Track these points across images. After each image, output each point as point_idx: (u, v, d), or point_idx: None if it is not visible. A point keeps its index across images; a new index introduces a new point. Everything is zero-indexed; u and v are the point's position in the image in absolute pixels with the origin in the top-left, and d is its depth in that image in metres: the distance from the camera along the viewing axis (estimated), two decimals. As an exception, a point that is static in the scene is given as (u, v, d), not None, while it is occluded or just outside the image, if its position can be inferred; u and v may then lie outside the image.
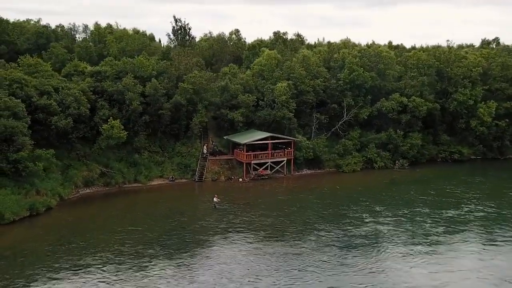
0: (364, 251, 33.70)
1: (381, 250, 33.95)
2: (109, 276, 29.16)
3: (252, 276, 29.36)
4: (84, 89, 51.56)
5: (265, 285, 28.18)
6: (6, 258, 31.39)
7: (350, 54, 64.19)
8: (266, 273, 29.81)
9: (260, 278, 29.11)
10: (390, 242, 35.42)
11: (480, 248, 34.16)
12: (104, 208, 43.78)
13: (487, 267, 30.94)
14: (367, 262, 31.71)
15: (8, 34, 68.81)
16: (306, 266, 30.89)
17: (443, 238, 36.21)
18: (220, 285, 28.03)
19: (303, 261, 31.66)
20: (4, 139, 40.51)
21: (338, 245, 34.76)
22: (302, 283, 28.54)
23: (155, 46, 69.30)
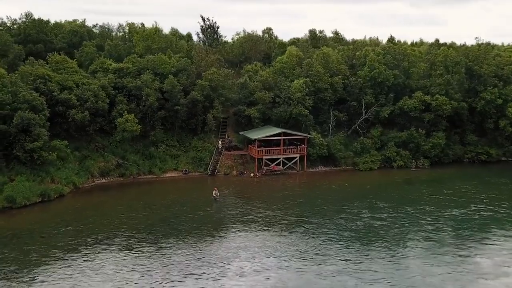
0: (347, 243, 33.69)
1: (364, 242, 33.82)
2: (96, 255, 31.05)
3: (219, 260, 30.13)
4: (105, 85, 54.16)
5: (233, 269, 28.88)
6: (5, 237, 33.83)
7: (372, 52, 63.23)
8: (233, 258, 30.56)
9: (229, 263, 29.96)
10: (376, 236, 35.31)
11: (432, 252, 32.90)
12: (113, 197, 46.00)
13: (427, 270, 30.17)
14: (342, 252, 31.78)
15: (46, 33, 72.93)
16: (279, 253, 31.39)
17: (429, 236, 35.44)
18: (191, 265, 29.05)
19: (278, 249, 32.10)
20: (21, 129, 43.46)
21: (322, 237, 34.93)
22: (265, 267, 29.03)
23: (181, 44, 71.19)
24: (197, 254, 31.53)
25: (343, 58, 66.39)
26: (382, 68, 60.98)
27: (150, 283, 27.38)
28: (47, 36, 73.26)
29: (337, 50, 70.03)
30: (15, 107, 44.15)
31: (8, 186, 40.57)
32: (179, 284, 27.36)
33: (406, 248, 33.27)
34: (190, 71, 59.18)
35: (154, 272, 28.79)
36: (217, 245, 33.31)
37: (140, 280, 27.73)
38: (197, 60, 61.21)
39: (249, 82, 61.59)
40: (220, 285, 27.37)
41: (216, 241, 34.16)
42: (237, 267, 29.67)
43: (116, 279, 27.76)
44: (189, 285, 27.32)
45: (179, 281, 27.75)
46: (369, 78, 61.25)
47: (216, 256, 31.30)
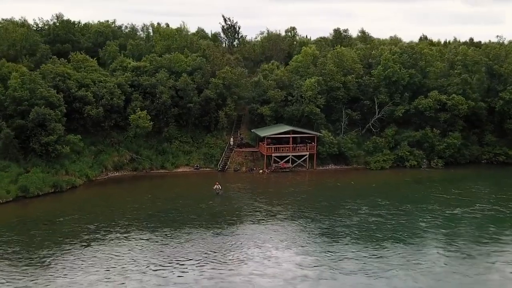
0: (337, 237, 34.29)
1: (353, 237, 34.33)
2: (94, 241, 32.79)
3: (206, 249, 31.28)
4: (121, 83, 56.41)
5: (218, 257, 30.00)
6: (13, 223, 36.22)
7: (386, 51, 62.96)
8: (216, 248, 31.64)
9: (209, 253, 31.18)
10: (366, 231, 35.78)
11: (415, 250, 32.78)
12: (123, 189, 48.07)
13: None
14: (327, 245, 32.42)
15: (74, 34, 76.14)
16: (266, 244, 32.29)
17: (419, 233, 35.48)
18: (177, 252, 30.38)
19: (266, 240, 33.03)
20: (38, 124, 46.06)
21: (315, 231, 35.66)
22: (249, 257, 29.97)
23: (201, 44, 72.79)
24: (187, 244, 32.78)
25: (359, 57, 66.30)
26: (396, 67, 60.60)
27: (138, 268, 28.77)
28: (75, 36, 76.33)
29: (355, 49, 69.99)
30: (32, 102, 46.81)
31: (23, 177, 43.16)
32: (164, 269, 28.62)
33: (390, 243, 33.41)
34: (205, 69, 60.69)
35: (142, 258, 30.19)
36: (206, 235, 34.45)
37: (127, 264, 29.17)
38: (211, 59, 62.61)
39: (263, 81, 62.52)
40: (202, 271, 28.44)
41: (206, 232, 35.27)
42: (221, 255, 30.76)
43: (106, 263, 29.33)
44: (175, 272, 28.52)
45: (166, 265, 28.99)
46: (383, 77, 60.99)
47: (203, 245, 32.47)
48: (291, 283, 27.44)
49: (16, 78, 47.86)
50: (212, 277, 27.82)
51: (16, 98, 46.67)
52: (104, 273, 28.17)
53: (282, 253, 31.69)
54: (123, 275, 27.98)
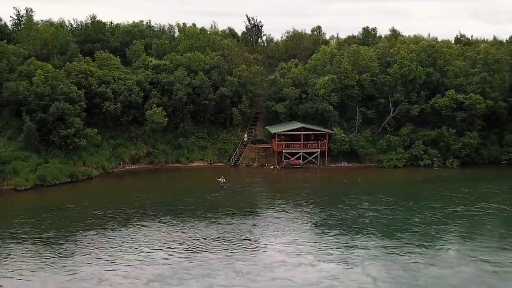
0: (328, 229, 35.33)
1: (343, 229, 35.23)
2: (99, 225, 35.16)
3: (185, 238, 32.97)
4: (140, 80, 59.03)
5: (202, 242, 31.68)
6: (26, 209, 39.24)
7: (402, 49, 62.66)
8: (204, 235, 33.25)
9: (197, 239, 32.68)
10: (359, 225, 36.44)
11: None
12: (137, 181, 50.60)
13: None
14: (316, 236, 33.46)
15: (103, 33, 79.59)
16: (248, 232, 33.74)
17: (410, 228, 35.78)
18: (169, 237, 32.26)
19: (249, 229, 34.44)
20: (57, 118, 49.21)
21: (308, 223, 36.90)
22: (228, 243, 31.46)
23: (223, 43, 74.53)
24: (179, 229, 34.72)
25: (378, 56, 66.27)
26: (413, 66, 60.25)
27: (129, 250, 30.82)
28: (104, 36, 79.79)
29: (375, 48, 69.94)
30: (53, 98, 49.98)
31: (41, 167, 46.36)
32: (154, 252, 30.51)
33: (377, 237, 34.02)
34: (222, 68, 62.46)
35: (137, 242, 32.24)
36: (201, 224, 36.15)
37: (120, 247, 31.25)
38: (229, 58, 64.30)
39: (279, 79, 63.64)
40: (190, 257, 30.14)
41: (202, 221, 36.94)
42: (205, 241, 32.46)
43: (102, 245, 31.53)
44: (161, 255, 30.38)
45: (155, 248, 30.90)
46: (399, 76, 60.81)
47: (195, 232, 34.23)
48: (268, 267, 28.76)
49: (40, 75, 51.18)
50: (199, 262, 29.34)
51: (39, 94, 49.99)
52: (97, 253, 30.35)
53: (267, 240, 33.00)
54: (113, 256, 30.02)
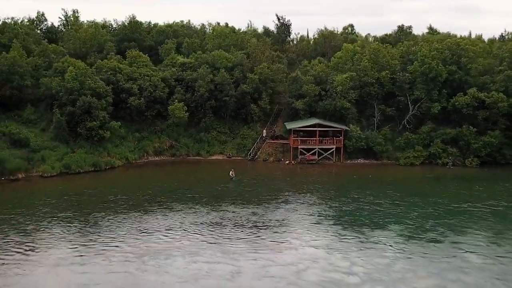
0: (321, 220, 36.66)
1: (339, 220, 36.37)
2: (110, 209, 38.11)
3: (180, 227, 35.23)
4: (166, 77, 62.25)
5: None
6: (50, 193, 42.94)
7: (424, 47, 62.51)
8: (202, 221, 35.35)
9: (192, 225, 34.84)
10: (355, 217, 37.45)
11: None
12: (156, 172, 53.77)
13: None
14: (307, 224, 34.88)
15: (139, 33, 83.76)
16: (242, 220, 35.59)
17: (405, 221, 36.42)
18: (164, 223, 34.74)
19: (243, 217, 36.19)
20: (84, 111, 53.07)
21: (304, 214, 38.20)
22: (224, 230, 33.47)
23: (251, 41, 76.65)
24: (182, 216, 37.04)
25: (402, 54, 66.38)
26: (433, 63, 60.06)
27: (134, 231, 33.47)
28: (140, 35, 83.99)
29: (398, 45, 70.04)
30: (82, 93, 53.88)
31: (67, 156, 50.30)
32: (153, 233, 32.99)
33: (368, 228, 34.92)
34: (245, 65, 64.69)
35: (140, 223, 34.87)
36: (203, 210, 38.38)
37: (126, 228, 33.95)
38: (253, 56, 66.42)
39: (301, 77, 65.09)
40: (184, 239, 32.43)
41: (205, 208, 39.15)
42: (198, 228, 34.60)
43: (107, 225, 34.38)
44: (158, 236, 32.81)
45: (157, 230, 33.39)
46: (419, 73, 60.80)
47: (195, 218, 36.50)
48: (254, 249, 30.60)
49: (71, 71, 55.28)
50: (190, 242, 31.56)
51: (69, 89, 54.08)
52: (100, 231, 33.22)
53: (261, 226, 34.74)
54: (114, 234, 32.78)
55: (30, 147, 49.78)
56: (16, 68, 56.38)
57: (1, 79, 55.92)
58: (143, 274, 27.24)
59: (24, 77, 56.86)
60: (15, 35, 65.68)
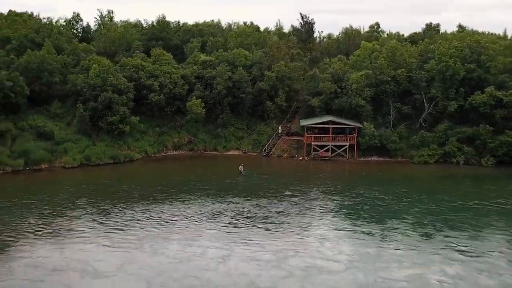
0: (319, 212, 37.96)
1: (337, 213, 37.49)
2: (121, 198, 40.57)
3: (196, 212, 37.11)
4: (186, 74, 64.59)
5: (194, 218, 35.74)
6: (71, 182, 45.80)
7: (442, 45, 62.29)
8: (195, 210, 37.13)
9: (194, 214, 36.66)
10: (354, 210, 38.58)
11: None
12: (173, 165, 56.30)
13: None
14: (305, 216, 36.06)
15: (167, 32, 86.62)
16: (238, 210, 37.21)
17: (404, 216, 37.05)
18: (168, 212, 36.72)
19: (240, 208, 37.74)
20: (106, 106, 55.98)
21: (305, 207, 39.35)
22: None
23: (272, 40, 78.09)
24: (187, 205, 39.01)
25: (419, 52, 66.34)
26: (450, 62, 59.85)
27: (139, 217, 35.60)
28: (168, 34, 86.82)
29: (419, 43, 70.00)
30: (104, 89, 56.80)
31: (88, 149, 53.36)
32: (156, 219, 35.00)
33: (362, 221, 35.84)
34: (263, 63, 66.26)
35: (146, 211, 36.97)
36: (209, 201, 40.19)
37: (133, 215, 36.09)
38: (271, 54, 67.88)
39: (318, 74, 66.09)
40: (183, 225, 34.31)
41: (211, 199, 40.96)
42: (193, 219, 36.39)
43: (115, 212, 36.66)
44: (160, 222, 34.85)
45: (161, 217, 35.40)
46: (436, 71, 60.71)
47: (199, 207, 38.32)
48: (247, 237, 32.09)
49: (95, 68, 58.31)
50: (189, 229, 33.42)
51: (91, 85, 57.09)
52: (107, 217, 35.49)
53: (260, 216, 36.28)
54: (120, 219, 35.01)
55: (54, 140, 53.03)
56: (46, 65, 59.84)
57: (31, 75, 59.40)
58: (141, 254, 29.25)
59: (53, 74, 60.28)
60: (49, 35, 69.57)
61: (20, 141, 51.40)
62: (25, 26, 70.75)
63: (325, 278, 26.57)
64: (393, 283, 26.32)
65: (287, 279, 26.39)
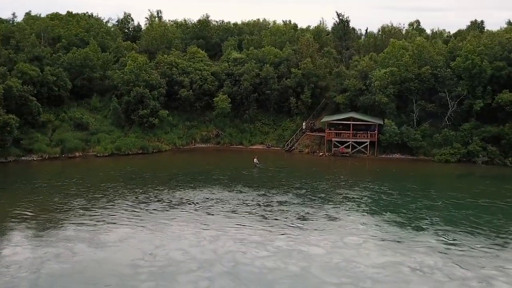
0: (321, 203, 39.58)
1: (338, 205, 39.06)
2: (137, 182, 44.19)
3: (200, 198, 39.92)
4: (216, 71, 67.78)
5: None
6: (101, 168, 50.12)
7: (470, 42, 61.56)
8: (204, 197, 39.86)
9: (201, 200, 39.43)
10: (354, 204, 39.77)
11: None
12: (198, 156, 59.63)
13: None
14: (305, 206, 38.09)
15: (207, 31, 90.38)
16: (249, 200, 39.57)
17: (402, 210, 38.01)
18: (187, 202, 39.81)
19: (242, 198, 40.10)
20: (138, 101, 60.16)
21: (307, 198, 41.18)
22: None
23: (305, 37, 79.59)
24: (198, 192, 41.89)
25: (449, 49, 65.83)
26: (477, 59, 59.18)
27: (150, 201, 38.92)
28: (208, 33, 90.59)
29: (452, 40, 69.44)
30: (136, 84, 61.03)
31: (120, 139, 57.81)
32: (165, 204, 38.17)
33: (361, 213, 37.18)
34: (291, 60, 68.26)
35: (158, 196, 40.25)
36: (219, 189, 42.93)
37: (146, 200, 39.47)
38: (299, 51, 69.70)
39: (344, 71, 67.20)
40: (187, 211, 37.19)
41: (221, 187, 43.67)
42: (199, 205, 39.12)
43: (128, 196, 40.15)
44: (166, 207, 37.93)
45: (170, 201, 38.57)
46: (461, 69, 60.22)
47: (209, 195, 41.07)
48: (243, 223, 34.44)
49: (130, 65, 62.71)
50: (192, 213, 36.24)
51: (126, 81, 61.49)
52: (120, 200, 39.03)
53: (262, 204, 38.52)
54: (131, 203, 38.46)
55: (89, 130, 57.80)
56: (88, 62, 64.97)
57: (75, 71, 64.74)
58: (141, 231, 32.49)
59: (94, 70, 65.32)
60: (97, 34, 75.16)
61: (59, 131, 56.58)
62: (77, 26, 76.67)
63: (302, 258, 28.52)
64: (367, 269, 27.70)
65: (267, 258, 28.50)
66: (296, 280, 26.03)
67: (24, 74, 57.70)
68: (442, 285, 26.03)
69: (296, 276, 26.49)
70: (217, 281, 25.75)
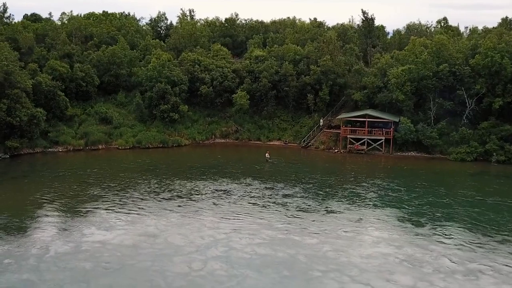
0: (323, 198, 40.69)
1: (340, 201, 40.09)
2: (151, 174, 46.57)
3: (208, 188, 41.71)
4: (237, 68, 69.57)
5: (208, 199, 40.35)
6: (120, 159, 52.97)
7: (490, 39, 60.83)
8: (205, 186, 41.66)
9: (209, 191, 41.25)
10: (358, 199, 40.69)
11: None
12: (216, 151, 61.58)
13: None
14: (307, 199, 39.38)
15: (234, 29, 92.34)
16: (256, 192, 41.14)
17: (406, 207, 38.66)
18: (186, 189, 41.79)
19: (247, 190, 41.65)
20: (160, 96, 62.71)
21: (310, 191, 42.37)
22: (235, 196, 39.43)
23: (328, 35, 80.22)
24: (208, 183, 43.76)
25: (470, 47, 65.20)
26: (496, 57, 58.52)
27: (162, 189, 41.10)
28: (235, 31, 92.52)
29: (470, 38, 68.77)
30: (158, 80, 63.58)
31: (141, 133, 60.41)
32: (174, 192, 40.25)
33: (361, 208, 37.99)
34: (311, 58, 69.25)
35: (170, 186, 42.29)
36: (228, 181, 44.64)
37: (158, 189, 41.69)
38: (320, 49, 70.55)
39: (364, 69, 67.63)
40: (195, 200, 39.10)
41: (231, 179, 45.40)
42: (211, 202, 40.90)
43: (139, 186, 42.42)
44: (173, 197, 39.98)
45: (180, 190, 40.64)
46: (480, 67, 59.66)
47: (218, 186, 42.80)
48: (241, 213, 36.02)
49: (153, 62, 65.33)
50: (199, 203, 38.15)
51: (149, 77, 64.16)
52: (130, 188, 41.31)
53: (266, 197, 39.97)
54: (141, 193, 40.73)
55: (113, 124, 60.73)
56: (115, 59, 68.03)
57: (103, 68, 67.95)
58: (146, 216, 34.75)
59: (121, 67, 68.35)
60: (127, 32, 78.44)
61: (85, 125, 59.79)
62: (109, 25, 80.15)
63: (293, 246, 29.94)
64: (356, 259, 28.85)
65: (260, 245, 30.05)
66: (283, 265, 27.46)
67: (55, 70, 61.21)
68: (427, 276, 26.88)
69: (283, 262, 27.94)
70: (209, 263, 27.61)
